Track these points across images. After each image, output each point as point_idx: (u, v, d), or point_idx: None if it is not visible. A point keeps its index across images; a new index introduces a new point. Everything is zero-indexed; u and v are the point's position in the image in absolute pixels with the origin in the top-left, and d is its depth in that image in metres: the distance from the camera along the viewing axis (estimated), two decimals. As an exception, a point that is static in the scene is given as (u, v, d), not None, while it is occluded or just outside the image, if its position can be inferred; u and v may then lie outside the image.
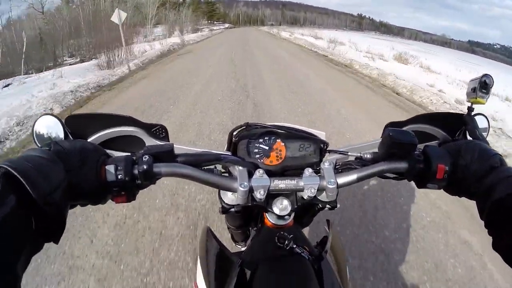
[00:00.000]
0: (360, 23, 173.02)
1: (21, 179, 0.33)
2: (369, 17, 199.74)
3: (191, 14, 34.00)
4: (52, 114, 0.52)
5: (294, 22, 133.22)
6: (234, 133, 0.60)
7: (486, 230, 0.44)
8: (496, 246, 0.42)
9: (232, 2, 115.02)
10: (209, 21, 58.26)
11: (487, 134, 0.64)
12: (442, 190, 0.53)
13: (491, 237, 0.43)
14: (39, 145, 0.49)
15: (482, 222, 0.45)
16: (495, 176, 0.44)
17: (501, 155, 0.49)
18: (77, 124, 0.55)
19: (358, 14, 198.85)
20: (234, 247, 0.94)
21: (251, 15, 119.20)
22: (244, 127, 0.60)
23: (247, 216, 0.82)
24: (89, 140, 0.56)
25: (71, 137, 0.52)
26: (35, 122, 0.52)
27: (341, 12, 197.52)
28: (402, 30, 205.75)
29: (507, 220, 0.40)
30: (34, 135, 0.52)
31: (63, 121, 0.52)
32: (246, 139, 0.61)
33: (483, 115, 0.65)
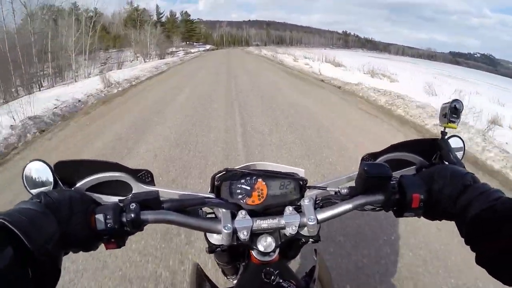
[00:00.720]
0: (346, 40, 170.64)
1: (17, 232, 0.34)
2: (354, 34, 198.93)
3: (160, 34, 25.65)
4: (41, 160, 0.54)
5: (280, 42, 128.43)
6: (216, 177, 0.62)
7: (468, 247, 0.45)
8: (479, 261, 0.43)
9: (215, 23, 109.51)
10: (187, 42, 51.41)
11: (463, 154, 0.68)
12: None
13: (474, 253, 0.44)
14: (29, 190, 0.53)
15: None
16: (469, 194, 0.46)
17: (473, 173, 0.50)
18: (66, 169, 0.56)
19: (343, 31, 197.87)
20: (225, 280, 0.98)
21: (235, 36, 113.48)
22: (224, 172, 0.61)
23: (235, 253, 0.80)
24: (77, 185, 0.58)
25: (60, 182, 0.54)
26: (24, 167, 0.54)
27: (325, 30, 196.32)
28: (387, 46, 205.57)
29: (486, 234, 0.42)
30: (24, 180, 0.54)
31: (52, 166, 0.54)
32: (228, 180, 0.62)
33: (458, 136, 0.68)
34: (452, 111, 0.61)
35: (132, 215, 0.48)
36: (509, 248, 0.39)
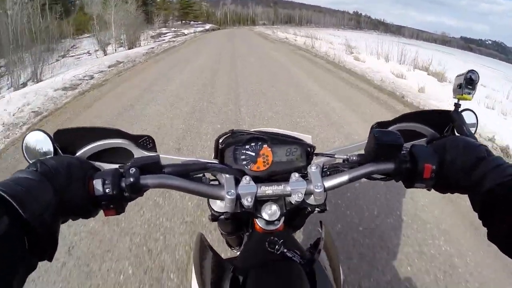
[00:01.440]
0: (358, 21, 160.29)
1: (12, 202, 0.34)
2: (366, 15, 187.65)
3: (136, 11, 18.75)
4: (41, 130, 0.54)
5: (289, 21, 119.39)
6: (220, 140, 0.60)
7: (481, 222, 0.44)
8: (491, 237, 0.42)
9: (218, 1, 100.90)
10: (182, 21, 43.80)
11: (476, 129, 0.65)
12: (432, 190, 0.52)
13: (486, 228, 0.43)
14: (29, 160, 0.52)
15: None
16: (484, 167, 0.45)
17: (486, 146, 0.49)
18: (66, 138, 0.56)
19: (354, 12, 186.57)
20: (230, 251, 0.98)
21: (240, 14, 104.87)
22: (230, 134, 0.60)
23: (238, 221, 0.79)
24: (78, 153, 0.57)
25: (60, 151, 0.54)
26: (24, 138, 0.54)
27: (334, 10, 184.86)
28: (400, 28, 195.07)
29: (500, 209, 0.41)
30: (24, 151, 0.53)
31: (52, 135, 0.54)
32: (233, 146, 0.61)
33: (471, 110, 0.66)
34: (468, 82, 0.58)
35: (131, 180, 0.47)
36: None
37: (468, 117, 0.63)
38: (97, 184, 0.45)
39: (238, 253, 0.85)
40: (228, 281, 0.56)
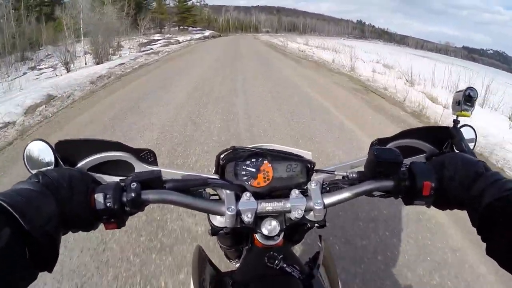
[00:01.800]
0: (362, 30, 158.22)
1: (14, 213, 0.34)
2: (370, 24, 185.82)
3: (117, 14, 14.97)
4: (42, 140, 0.53)
5: (292, 29, 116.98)
6: (221, 156, 0.61)
7: (479, 237, 0.44)
8: (490, 252, 0.42)
9: (220, 8, 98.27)
10: (180, 27, 40.01)
11: (474, 145, 0.66)
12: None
13: (484, 243, 0.43)
14: (30, 170, 0.52)
15: None
16: (482, 183, 0.45)
17: (484, 162, 0.49)
18: (67, 149, 0.56)
19: (357, 20, 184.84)
20: (228, 264, 0.98)
21: (243, 21, 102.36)
22: (231, 150, 0.60)
23: (238, 236, 0.80)
24: (79, 165, 0.57)
25: (61, 162, 0.53)
26: (25, 147, 0.53)
27: (338, 18, 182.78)
28: (403, 38, 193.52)
29: (499, 224, 0.40)
30: (25, 160, 0.53)
31: (53, 146, 0.53)
32: (233, 161, 0.61)
33: (470, 126, 0.66)
34: (466, 99, 0.59)
35: (133, 195, 0.47)
36: None
37: (467, 133, 0.64)
38: (99, 198, 0.45)
39: (237, 265, 0.84)
40: None
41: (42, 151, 0.53)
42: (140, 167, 0.60)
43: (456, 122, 0.64)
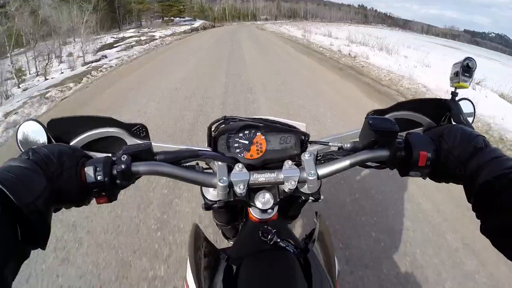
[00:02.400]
0: (365, 15, 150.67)
1: (4, 190, 0.34)
2: (372, 8, 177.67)
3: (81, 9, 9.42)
4: (34, 120, 0.54)
5: (292, 16, 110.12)
6: (212, 128, 0.60)
7: (474, 213, 0.44)
8: (483, 230, 0.42)
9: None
10: (164, 19, 32.50)
11: (473, 119, 0.65)
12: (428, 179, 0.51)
13: (479, 221, 0.42)
14: (22, 149, 0.52)
15: None
16: (481, 158, 0.44)
17: (484, 136, 0.48)
18: (59, 127, 0.56)
19: (359, 5, 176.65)
20: (226, 243, 0.94)
21: (240, 9, 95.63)
22: (222, 120, 0.59)
23: (233, 211, 0.79)
24: (71, 143, 0.57)
25: (53, 141, 0.53)
26: (18, 128, 0.53)
27: (337, 3, 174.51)
28: (407, 22, 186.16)
29: (494, 202, 0.40)
30: (18, 141, 0.53)
31: (45, 125, 0.54)
32: (226, 133, 0.60)
33: (468, 99, 0.65)
34: (465, 70, 0.58)
35: (123, 167, 0.47)
36: None
37: (465, 106, 0.62)
38: (89, 171, 0.45)
39: None
40: (222, 270, 0.57)
41: (35, 131, 0.52)
42: (132, 142, 0.59)
43: (454, 94, 0.61)
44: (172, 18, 33.26)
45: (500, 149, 0.46)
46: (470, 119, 0.62)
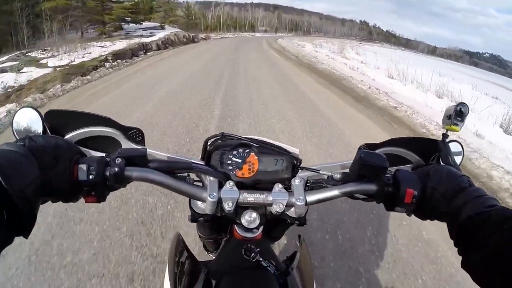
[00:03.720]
0: (370, 32, 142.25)
1: None
2: (375, 25, 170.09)
3: None
4: (32, 107, 0.52)
5: (294, 29, 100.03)
6: (209, 142, 0.61)
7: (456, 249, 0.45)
8: (464, 265, 0.43)
9: (210, 3, 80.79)
10: (106, 26, 17.70)
11: (461, 160, 0.66)
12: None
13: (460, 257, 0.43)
14: (17, 136, 0.51)
15: None
16: (464, 197, 0.45)
17: (469, 177, 0.50)
18: (57, 119, 0.56)
19: (360, 21, 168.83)
20: (206, 256, 0.95)
21: (236, 18, 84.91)
22: (219, 137, 0.61)
23: (217, 226, 0.79)
24: (66, 136, 0.57)
25: (49, 132, 0.53)
26: (15, 114, 0.53)
27: (337, 18, 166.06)
28: (408, 41, 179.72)
29: (475, 239, 0.41)
30: (13, 127, 0.53)
31: (43, 115, 0.53)
32: (221, 149, 0.61)
33: (458, 141, 0.67)
34: (457, 114, 0.60)
35: (116, 169, 0.47)
36: (495, 259, 0.38)
37: (454, 147, 0.65)
38: (82, 169, 0.45)
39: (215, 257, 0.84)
40: (200, 283, 0.57)
41: (31, 119, 0.52)
42: (127, 145, 0.60)
43: (444, 136, 0.63)
44: (120, 24, 19.33)
45: (483, 189, 0.47)
46: (458, 160, 0.63)
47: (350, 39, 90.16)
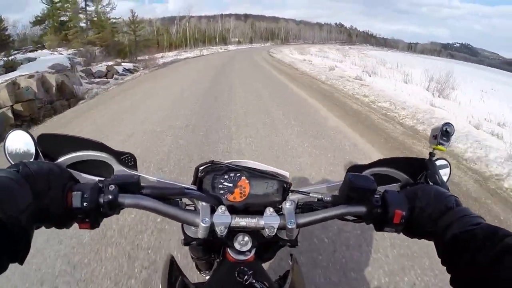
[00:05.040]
0: (350, 34, 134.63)
1: None
2: (352, 27, 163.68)
3: None
4: (25, 130, 0.53)
5: (271, 37, 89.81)
6: (200, 169, 0.62)
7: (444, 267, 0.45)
8: (453, 283, 0.43)
9: (175, 18, 69.47)
10: None
11: (448, 178, 0.68)
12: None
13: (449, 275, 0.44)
14: (10, 160, 0.52)
15: None
16: (451, 216, 0.47)
17: (456, 197, 0.51)
18: (49, 143, 0.56)
19: (335, 23, 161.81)
20: (198, 275, 0.96)
21: (205, 31, 73.59)
22: (209, 164, 0.61)
23: (210, 248, 0.79)
24: (59, 160, 0.57)
25: (41, 155, 0.53)
26: (7, 136, 0.53)
27: (311, 23, 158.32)
28: (386, 41, 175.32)
29: (462, 256, 0.42)
30: (5, 150, 0.52)
31: (35, 138, 0.53)
32: (212, 173, 0.62)
33: (445, 159, 0.69)
34: (443, 134, 0.61)
35: (110, 197, 0.47)
36: (482, 276, 0.38)
37: (441, 166, 0.66)
38: (76, 196, 0.44)
39: (207, 277, 0.82)
40: None
41: (23, 142, 0.52)
42: (119, 169, 0.60)
43: (431, 154, 0.64)
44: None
45: (469, 208, 0.48)
46: (445, 177, 0.65)
47: (334, 44, 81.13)
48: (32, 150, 0.52)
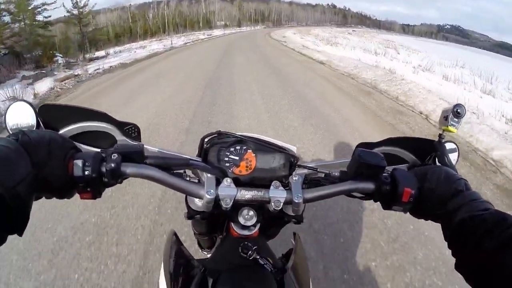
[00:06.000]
0: (345, 15, 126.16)
1: None
2: (345, 7, 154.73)
3: None
4: (26, 101, 0.51)
5: (261, 20, 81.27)
6: (206, 140, 0.60)
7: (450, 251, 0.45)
8: (458, 267, 0.43)
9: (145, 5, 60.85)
10: None
11: (457, 161, 0.66)
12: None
13: (454, 259, 0.44)
14: (10, 130, 0.50)
15: None
16: (460, 200, 0.46)
17: (466, 180, 0.50)
18: (51, 114, 0.55)
19: (327, 4, 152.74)
20: (200, 254, 0.94)
21: (188, 14, 64.96)
22: (216, 135, 0.60)
23: (213, 223, 0.78)
24: (61, 131, 0.56)
25: (43, 126, 0.52)
26: (8, 108, 0.51)
27: (302, 4, 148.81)
28: (379, 22, 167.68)
29: (468, 241, 0.41)
30: (6, 121, 0.51)
31: (37, 109, 0.52)
32: (217, 146, 0.60)
33: (453, 142, 0.67)
34: (454, 115, 0.59)
35: (112, 165, 0.46)
36: (487, 261, 0.38)
37: (450, 150, 0.64)
38: (77, 164, 0.43)
39: (209, 255, 0.80)
40: (197, 281, 0.56)
41: (24, 113, 0.51)
42: (122, 141, 0.59)
43: (441, 136, 0.63)
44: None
45: (479, 193, 0.47)
46: (454, 160, 0.63)
47: (330, 26, 73.46)
48: (34, 120, 0.50)
